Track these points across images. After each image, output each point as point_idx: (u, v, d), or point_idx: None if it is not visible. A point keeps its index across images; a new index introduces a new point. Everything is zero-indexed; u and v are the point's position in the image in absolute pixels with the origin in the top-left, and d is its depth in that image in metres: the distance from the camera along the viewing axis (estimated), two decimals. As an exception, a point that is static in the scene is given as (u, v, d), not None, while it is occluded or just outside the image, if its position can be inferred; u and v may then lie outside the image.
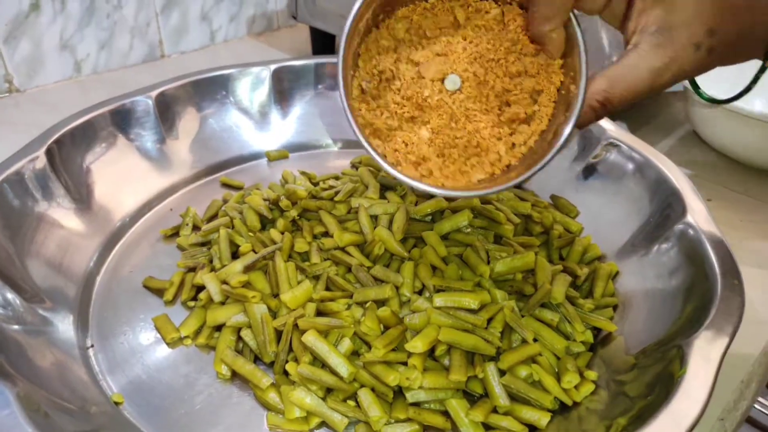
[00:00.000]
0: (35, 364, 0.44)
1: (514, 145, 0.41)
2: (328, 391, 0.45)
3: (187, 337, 0.50)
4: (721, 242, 0.48)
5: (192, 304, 0.53)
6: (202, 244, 0.59)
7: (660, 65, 0.39)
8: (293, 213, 0.60)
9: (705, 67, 0.40)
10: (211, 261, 0.56)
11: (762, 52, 0.41)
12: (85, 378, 0.47)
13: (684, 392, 0.37)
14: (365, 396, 0.44)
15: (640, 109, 0.91)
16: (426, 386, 0.44)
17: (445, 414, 0.44)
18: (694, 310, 0.45)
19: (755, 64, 0.43)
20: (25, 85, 0.89)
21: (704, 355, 0.39)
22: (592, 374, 0.45)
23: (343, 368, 0.44)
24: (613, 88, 0.39)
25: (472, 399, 0.45)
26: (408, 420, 0.44)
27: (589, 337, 0.49)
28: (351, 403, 0.45)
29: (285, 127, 0.75)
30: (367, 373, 0.45)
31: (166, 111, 0.68)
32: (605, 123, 0.64)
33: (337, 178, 0.68)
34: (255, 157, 0.73)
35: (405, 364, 0.45)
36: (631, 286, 0.53)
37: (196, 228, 0.62)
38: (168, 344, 0.50)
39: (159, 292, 0.55)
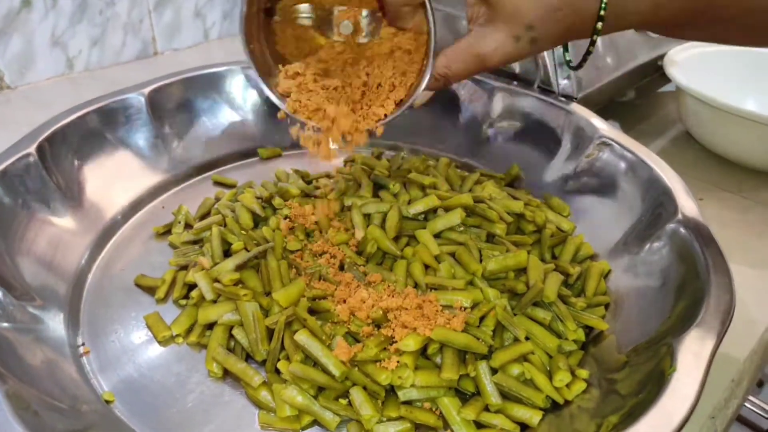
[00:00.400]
0: (25, 363, 0.44)
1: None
2: (320, 389, 0.45)
3: (178, 335, 0.50)
4: (712, 241, 0.48)
5: (184, 302, 0.53)
6: (195, 242, 0.59)
7: (486, 51, 0.48)
8: (285, 211, 0.59)
9: (531, 53, 0.48)
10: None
11: (589, 34, 0.47)
12: (75, 376, 0.46)
13: (674, 390, 0.37)
14: (357, 394, 0.44)
15: (633, 109, 0.92)
16: (418, 384, 0.44)
17: (437, 412, 0.44)
18: (685, 309, 0.45)
19: None
20: (17, 82, 0.88)
21: (694, 352, 0.40)
22: (583, 373, 0.46)
23: (335, 367, 0.44)
24: (450, 65, 0.49)
25: (464, 397, 0.45)
26: (400, 418, 0.44)
27: (580, 335, 0.49)
28: (343, 401, 0.45)
29: (278, 125, 0.75)
30: (359, 371, 0.45)
31: (159, 108, 0.68)
32: (598, 122, 0.64)
33: (330, 176, 0.68)
34: (248, 155, 0.73)
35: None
36: (623, 284, 0.53)
37: (188, 226, 0.62)
38: (159, 342, 0.50)
39: (151, 290, 0.55)
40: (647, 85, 0.92)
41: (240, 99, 0.74)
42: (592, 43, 0.49)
